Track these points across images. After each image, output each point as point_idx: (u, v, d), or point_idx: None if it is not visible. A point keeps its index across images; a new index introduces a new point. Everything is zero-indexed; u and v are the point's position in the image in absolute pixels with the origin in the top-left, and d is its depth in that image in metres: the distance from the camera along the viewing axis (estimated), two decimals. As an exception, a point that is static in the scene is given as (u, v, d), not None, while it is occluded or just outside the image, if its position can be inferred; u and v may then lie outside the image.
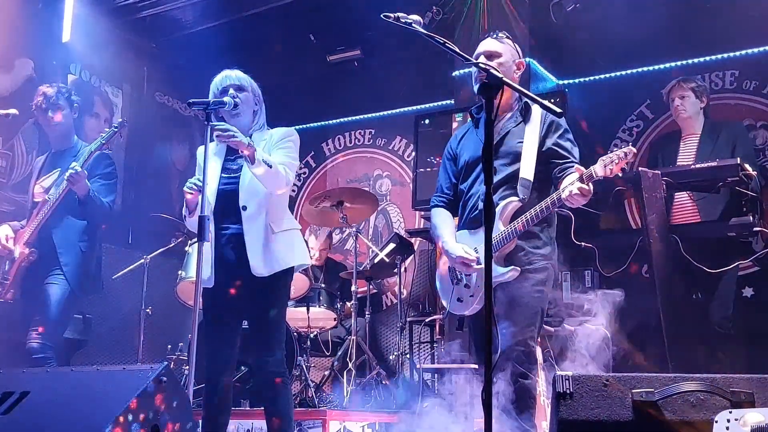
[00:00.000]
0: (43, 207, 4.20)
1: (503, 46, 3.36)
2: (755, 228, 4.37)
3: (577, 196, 2.99)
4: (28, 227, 4.24)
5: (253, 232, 3.42)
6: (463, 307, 3.34)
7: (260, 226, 3.43)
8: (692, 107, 4.83)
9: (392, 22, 2.58)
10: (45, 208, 4.18)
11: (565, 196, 3.03)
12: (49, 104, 4.34)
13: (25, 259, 4.19)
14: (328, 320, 5.75)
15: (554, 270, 3.31)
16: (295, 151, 3.61)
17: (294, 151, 3.59)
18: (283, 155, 3.50)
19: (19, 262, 4.20)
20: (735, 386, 2.21)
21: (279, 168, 3.39)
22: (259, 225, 3.43)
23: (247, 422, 4.40)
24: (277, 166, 3.38)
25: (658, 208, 4.40)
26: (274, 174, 3.37)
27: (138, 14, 6.57)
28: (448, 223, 3.46)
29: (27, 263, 4.20)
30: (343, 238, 7.51)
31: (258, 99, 3.63)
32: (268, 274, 3.41)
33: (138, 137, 6.95)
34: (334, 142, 7.86)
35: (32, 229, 4.20)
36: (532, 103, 3.32)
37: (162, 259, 5.85)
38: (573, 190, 2.99)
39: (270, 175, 3.36)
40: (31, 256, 4.19)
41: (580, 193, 2.98)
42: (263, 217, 3.45)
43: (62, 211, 4.21)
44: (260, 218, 3.44)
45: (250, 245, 3.40)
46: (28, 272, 4.21)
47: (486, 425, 2.05)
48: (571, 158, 3.26)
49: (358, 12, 6.09)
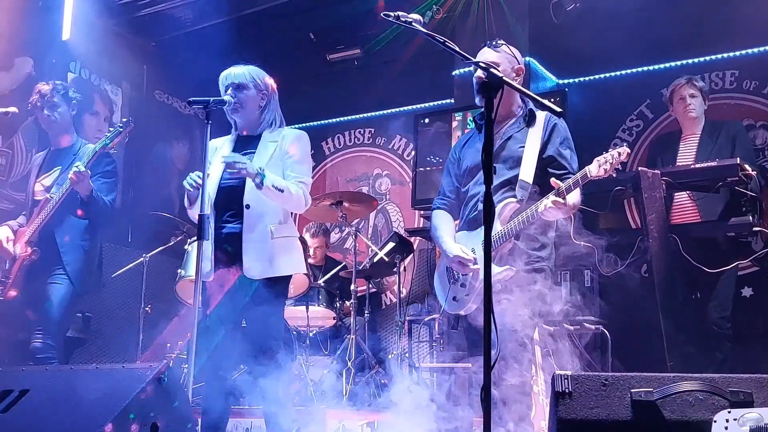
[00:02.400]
0: (45, 206, 4.18)
1: (499, 55, 3.36)
2: (754, 228, 4.37)
3: (552, 209, 3.05)
4: (30, 226, 4.22)
5: (252, 233, 3.40)
6: (459, 306, 3.35)
7: (260, 228, 3.41)
8: (700, 108, 4.82)
9: (392, 21, 2.58)
10: (47, 207, 4.16)
11: (541, 210, 3.08)
12: (45, 102, 4.32)
13: (27, 258, 4.17)
14: (327, 319, 5.76)
15: (552, 270, 3.33)
16: (308, 161, 3.60)
17: (306, 163, 3.59)
18: (294, 169, 3.48)
19: (20, 261, 4.18)
20: (734, 386, 2.21)
21: (291, 189, 3.38)
22: (259, 226, 3.41)
23: (246, 421, 4.40)
24: (289, 188, 3.37)
25: (657, 207, 4.40)
26: (287, 198, 3.37)
27: (138, 12, 6.57)
28: (448, 225, 3.49)
29: (29, 262, 4.18)
30: (342, 237, 7.51)
31: (265, 95, 3.57)
32: (260, 277, 3.39)
33: (138, 135, 6.94)
34: (334, 141, 7.86)
35: (34, 228, 4.18)
36: (536, 110, 3.35)
37: (161, 257, 5.85)
38: (548, 204, 3.05)
39: (283, 199, 3.37)
40: (33, 255, 4.18)
41: (555, 207, 3.04)
42: (265, 219, 3.43)
43: (64, 210, 4.19)
44: (262, 220, 3.42)
45: (246, 245, 3.39)
46: (29, 271, 4.19)
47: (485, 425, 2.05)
48: (568, 169, 3.29)
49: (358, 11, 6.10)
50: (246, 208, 3.40)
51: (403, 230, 6.75)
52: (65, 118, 4.40)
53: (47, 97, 4.32)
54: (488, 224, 2.25)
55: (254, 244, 3.39)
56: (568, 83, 6.44)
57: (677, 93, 4.87)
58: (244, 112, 3.52)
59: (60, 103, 4.35)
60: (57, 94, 4.34)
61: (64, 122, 4.41)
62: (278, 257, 3.43)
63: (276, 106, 3.64)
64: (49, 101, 4.32)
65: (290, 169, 3.49)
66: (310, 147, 3.66)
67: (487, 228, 2.24)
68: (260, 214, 3.42)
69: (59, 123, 4.39)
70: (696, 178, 4.46)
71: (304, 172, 3.53)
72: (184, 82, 7.27)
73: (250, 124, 3.55)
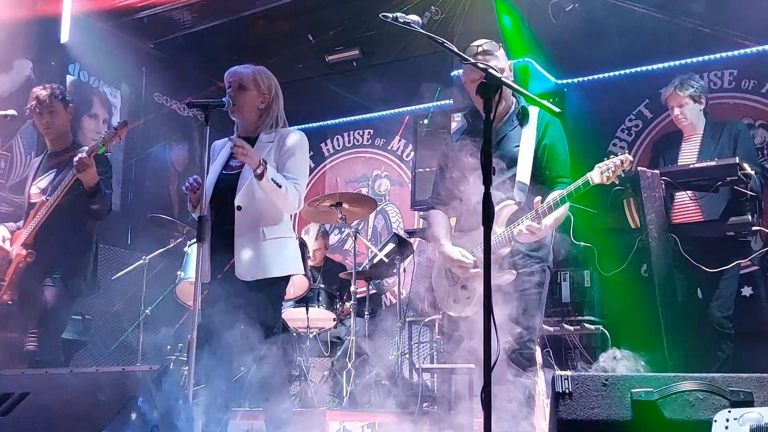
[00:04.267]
0: (41, 208, 4.14)
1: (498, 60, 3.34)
2: (754, 227, 4.37)
3: (526, 235, 3.08)
4: (25, 228, 4.20)
5: (244, 235, 3.38)
6: (460, 309, 3.34)
7: (252, 230, 3.39)
8: (692, 113, 4.79)
9: (391, 22, 2.58)
10: (43, 210, 4.13)
11: (515, 235, 3.11)
12: (43, 107, 4.29)
13: (23, 260, 4.14)
14: (328, 320, 5.75)
15: (550, 271, 3.33)
16: (305, 162, 3.56)
17: (303, 163, 3.54)
18: (290, 169, 3.45)
19: (16, 263, 4.15)
20: (734, 386, 2.21)
21: (290, 188, 3.35)
22: (251, 228, 3.38)
23: (246, 423, 4.39)
24: (287, 187, 3.34)
25: (657, 207, 4.40)
26: (283, 195, 3.33)
27: (136, 15, 6.56)
28: (445, 225, 3.47)
29: (24, 264, 4.15)
30: (342, 239, 7.50)
31: (266, 98, 3.54)
32: (251, 279, 3.37)
33: (136, 138, 6.95)
34: (333, 142, 7.86)
35: (30, 231, 4.16)
36: (528, 107, 3.33)
37: (161, 259, 5.85)
38: (522, 229, 3.08)
39: (279, 195, 3.33)
40: (28, 258, 4.14)
41: (529, 231, 3.06)
42: (257, 221, 3.40)
43: (60, 213, 4.15)
44: (254, 221, 3.39)
45: (238, 247, 3.37)
46: (25, 274, 4.17)
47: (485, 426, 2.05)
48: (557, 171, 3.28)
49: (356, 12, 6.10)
50: (237, 210, 3.39)
51: (403, 231, 6.75)
52: (63, 122, 4.38)
53: (45, 103, 4.29)
54: (487, 226, 2.25)
55: (246, 246, 3.37)
56: (567, 83, 6.44)
57: (667, 102, 4.89)
58: (241, 113, 3.50)
59: (57, 107, 4.32)
60: (54, 99, 4.32)
61: (62, 127, 4.39)
62: (269, 259, 3.39)
63: (278, 110, 3.60)
64: (47, 106, 4.30)
65: (286, 169, 3.46)
66: (307, 147, 3.62)
67: (487, 230, 2.24)
68: (252, 215, 3.39)
69: (56, 128, 4.37)
70: (695, 178, 4.46)
71: (299, 173, 3.49)
72: (183, 84, 7.29)
73: (248, 126, 3.53)
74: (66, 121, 4.41)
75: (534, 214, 3.08)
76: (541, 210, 3.06)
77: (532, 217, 3.08)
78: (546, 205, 3.07)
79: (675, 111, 4.82)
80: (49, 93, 4.32)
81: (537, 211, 3.06)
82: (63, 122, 4.39)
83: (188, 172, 7.59)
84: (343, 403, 5.04)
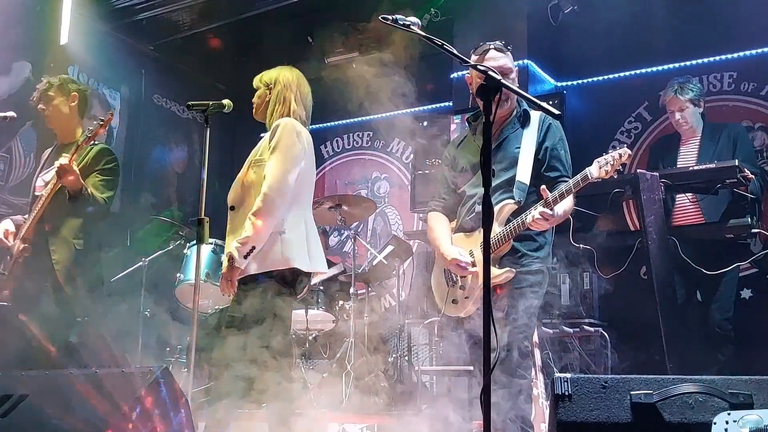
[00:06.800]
0: (38, 202, 4.08)
1: (509, 59, 3.36)
2: (753, 230, 4.37)
3: (540, 220, 3.07)
4: (27, 222, 4.13)
5: (234, 233, 3.40)
6: (458, 309, 3.35)
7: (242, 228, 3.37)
8: (692, 117, 4.80)
9: (390, 24, 2.58)
10: (39, 203, 4.06)
11: (528, 221, 3.10)
12: (41, 96, 4.26)
13: (20, 254, 4.08)
14: (327, 322, 5.75)
15: (549, 272, 3.34)
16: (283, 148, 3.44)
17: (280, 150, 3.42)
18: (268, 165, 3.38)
19: (15, 257, 4.08)
20: (733, 388, 2.21)
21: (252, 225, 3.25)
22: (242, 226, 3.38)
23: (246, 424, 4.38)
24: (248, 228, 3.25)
25: (656, 209, 4.40)
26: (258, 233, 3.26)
27: (135, 16, 6.57)
28: (444, 227, 3.48)
29: (22, 258, 4.08)
30: (341, 240, 7.50)
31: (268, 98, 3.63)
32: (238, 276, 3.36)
33: (136, 140, 6.95)
34: (333, 145, 7.86)
35: (29, 224, 4.09)
36: (530, 110, 3.34)
37: (161, 261, 5.84)
38: (535, 215, 3.07)
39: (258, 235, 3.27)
40: (25, 252, 4.08)
41: (542, 218, 3.05)
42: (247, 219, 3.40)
43: (56, 207, 4.07)
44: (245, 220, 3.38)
45: (227, 246, 3.41)
46: (23, 269, 4.09)
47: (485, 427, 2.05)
48: (561, 171, 3.29)
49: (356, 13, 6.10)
50: (231, 210, 3.45)
51: (402, 233, 6.75)
52: (63, 112, 4.30)
53: (42, 91, 4.27)
54: (487, 226, 2.25)
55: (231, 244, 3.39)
56: (566, 86, 6.44)
57: (667, 106, 4.89)
58: (257, 114, 3.63)
59: (55, 96, 4.26)
60: (52, 87, 4.27)
61: (62, 116, 4.30)
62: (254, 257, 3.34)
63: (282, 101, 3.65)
64: (43, 95, 4.26)
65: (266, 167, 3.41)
66: (291, 132, 3.52)
67: (486, 230, 2.24)
68: (244, 214, 3.39)
69: (56, 117, 4.30)
70: (694, 180, 4.47)
71: (272, 166, 3.37)
72: (183, 86, 7.29)
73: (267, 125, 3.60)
74: (68, 111, 4.31)
75: (543, 202, 3.08)
76: (552, 197, 3.07)
77: (542, 205, 3.08)
78: (551, 197, 3.07)
79: (676, 115, 4.82)
80: (47, 81, 4.29)
81: (547, 200, 3.06)
82: (64, 112, 4.30)
83: (188, 173, 7.60)
84: (343, 406, 5.03)
